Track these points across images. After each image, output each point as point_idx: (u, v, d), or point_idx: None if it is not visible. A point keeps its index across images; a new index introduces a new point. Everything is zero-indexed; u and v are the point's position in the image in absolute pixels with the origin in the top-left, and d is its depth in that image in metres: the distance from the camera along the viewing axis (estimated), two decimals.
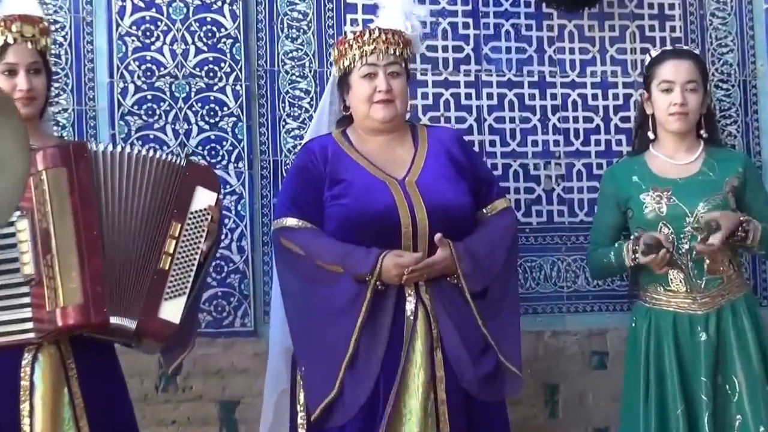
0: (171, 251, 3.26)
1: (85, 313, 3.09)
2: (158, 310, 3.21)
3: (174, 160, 3.36)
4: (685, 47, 4.36)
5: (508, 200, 3.89)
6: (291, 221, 3.67)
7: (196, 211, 3.33)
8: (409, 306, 3.54)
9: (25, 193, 3.06)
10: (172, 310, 3.24)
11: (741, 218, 3.82)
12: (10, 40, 3.34)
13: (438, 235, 3.51)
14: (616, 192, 4.04)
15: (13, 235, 3.13)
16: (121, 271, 3.21)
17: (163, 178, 3.29)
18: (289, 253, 3.65)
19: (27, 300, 3.11)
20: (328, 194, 3.65)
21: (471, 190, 3.70)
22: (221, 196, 3.49)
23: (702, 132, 4.02)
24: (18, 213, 3.10)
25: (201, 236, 3.33)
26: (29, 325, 3.11)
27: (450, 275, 3.57)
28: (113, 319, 3.16)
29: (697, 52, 4.17)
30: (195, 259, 3.32)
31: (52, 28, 4.04)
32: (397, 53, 3.72)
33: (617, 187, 4.04)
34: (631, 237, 3.93)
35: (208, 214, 3.35)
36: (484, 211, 3.75)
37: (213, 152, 4.30)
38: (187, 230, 3.30)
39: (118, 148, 3.30)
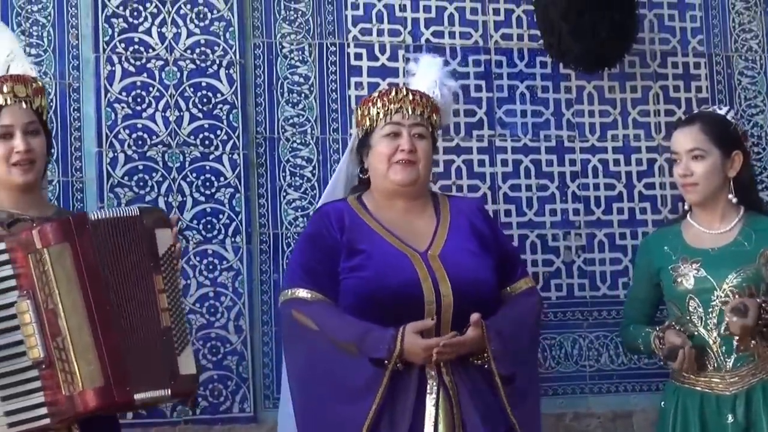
0: (167, 305, 3.17)
1: (108, 395, 3.02)
2: (178, 369, 3.14)
3: (130, 213, 3.24)
4: (706, 110, 4.25)
5: (532, 280, 3.80)
6: (302, 292, 3.53)
7: (163, 255, 3.22)
8: (431, 389, 3.41)
9: (22, 272, 3.03)
10: (187, 362, 3.16)
11: (759, 300, 3.67)
12: (2, 102, 3.28)
13: (475, 315, 3.38)
14: (649, 264, 3.96)
15: (13, 317, 3.03)
16: (133, 342, 3.11)
17: (132, 234, 3.19)
18: (301, 327, 3.51)
19: (37, 384, 3.02)
20: (344, 265, 3.52)
21: (495, 267, 3.59)
22: (179, 237, 3.43)
23: (730, 197, 3.88)
24: (17, 293, 3.03)
25: (178, 278, 3.25)
26: (43, 410, 3.01)
27: (474, 356, 3.44)
28: (138, 395, 3.07)
29: (721, 112, 3.96)
30: (182, 302, 3.27)
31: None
32: (425, 115, 3.64)
33: (650, 258, 3.97)
34: (657, 328, 3.84)
35: (173, 250, 3.25)
36: (509, 290, 3.65)
37: (209, 226, 4.19)
38: (166, 277, 3.20)
39: (99, 214, 3.21)
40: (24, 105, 3.29)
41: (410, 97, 3.64)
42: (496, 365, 3.41)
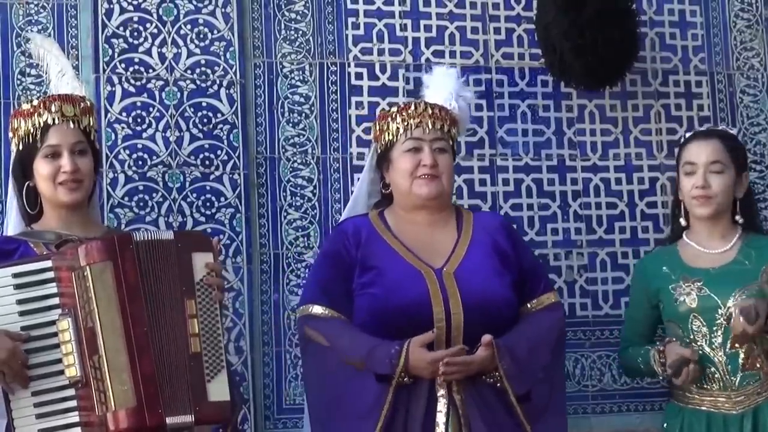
0: (197, 331, 3.14)
1: (140, 417, 3.01)
2: (207, 395, 3.10)
3: (164, 237, 3.25)
4: (720, 127, 4.29)
5: (557, 294, 3.78)
6: (317, 309, 3.54)
7: (200, 281, 3.19)
8: (441, 407, 3.38)
9: (66, 291, 3.06)
10: (219, 389, 3.12)
11: None
12: (50, 121, 3.33)
13: (487, 337, 3.36)
14: (646, 285, 3.95)
15: (54, 335, 3.06)
16: (163, 365, 3.11)
17: (162, 257, 3.18)
18: (314, 344, 3.52)
19: (73, 404, 3.04)
20: (358, 282, 3.53)
21: (515, 284, 3.57)
22: (219, 255, 3.38)
23: (737, 218, 3.90)
24: (59, 311, 3.06)
25: (215, 304, 3.19)
26: (77, 430, 3.03)
27: (486, 374, 3.41)
28: (170, 419, 3.05)
29: (733, 131, 3.97)
30: (218, 329, 3.19)
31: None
32: (444, 129, 3.64)
33: (647, 279, 3.96)
34: (656, 344, 3.84)
35: (211, 275, 3.21)
36: (529, 306, 3.62)
37: None
38: (200, 302, 3.17)
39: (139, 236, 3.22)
40: (72, 124, 3.35)
41: (430, 111, 3.63)
42: (510, 384, 3.38)
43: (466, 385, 3.40)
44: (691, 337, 3.77)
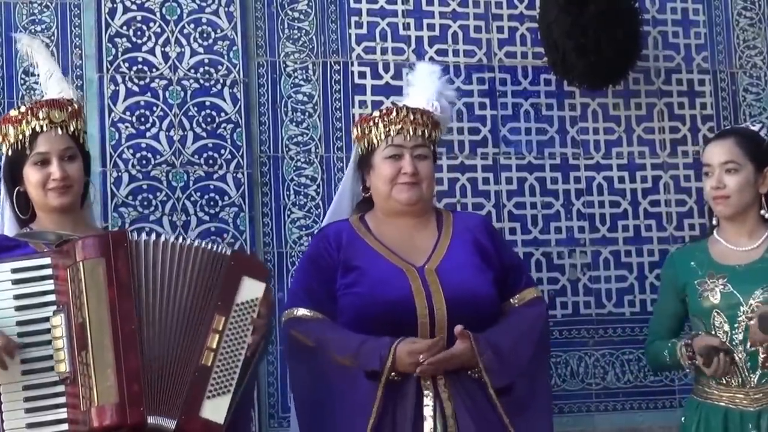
0: (214, 346, 3.12)
1: (121, 413, 2.99)
2: (200, 409, 3.07)
3: (218, 249, 3.24)
4: (740, 125, 4.28)
5: (539, 290, 3.78)
6: (302, 311, 3.55)
7: (242, 303, 3.18)
8: (427, 402, 3.39)
9: (62, 288, 3.06)
10: (215, 410, 3.09)
11: None
12: (39, 128, 3.31)
13: (458, 327, 3.37)
14: (674, 278, 3.93)
15: (47, 331, 3.06)
16: (159, 367, 3.09)
17: (205, 268, 3.18)
18: (300, 346, 3.53)
19: (62, 400, 3.03)
20: (341, 282, 3.53)
21: (496, 280, 3.57)
22: (272, 287, 3.42)
23: (763, 212, 3.87)
24: (53, 308, 3.06)
25: (247, 330, 3.18)
26: (64, 426, 3.01)
27: (470, 369, 3.42)
28: (151, 419, 3.03)
29: (754, 128, 3.94)
30: (241, 354, 3.16)
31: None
32: (425, 135, 3.63)
33: (675, 273, 3.94)
34: (683, 337, 3.82)
35: (255, 306, 3.20)
36: (512, 301, 3.63)
37: None
38: (232, 323, 3.15)
39: (162, 238, 3.19)
40: (60, 130, 3.33)
41: (411, 117, 3.61)
42: (489, 377, 3.39)
43: (452, 381, 3.41)
44: (713, 333, 3.75)
